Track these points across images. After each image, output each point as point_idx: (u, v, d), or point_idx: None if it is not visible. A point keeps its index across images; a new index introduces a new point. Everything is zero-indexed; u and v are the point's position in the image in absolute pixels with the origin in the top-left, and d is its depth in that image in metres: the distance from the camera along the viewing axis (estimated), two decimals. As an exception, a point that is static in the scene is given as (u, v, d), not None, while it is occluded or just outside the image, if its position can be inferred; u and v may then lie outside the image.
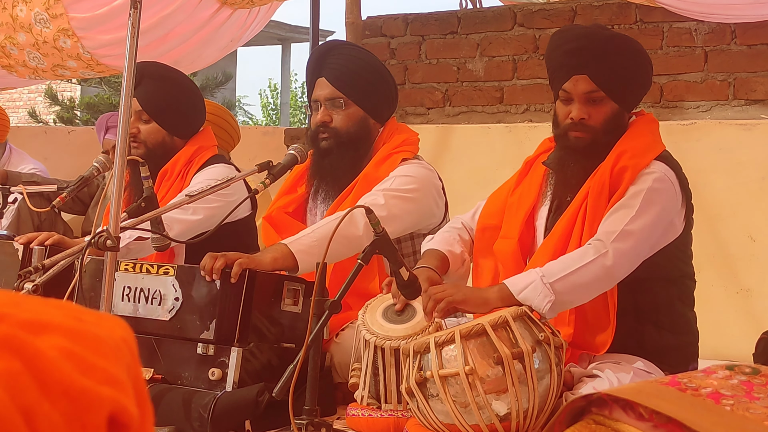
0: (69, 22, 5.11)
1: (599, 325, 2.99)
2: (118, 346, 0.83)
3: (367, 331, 2.96)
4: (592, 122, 3.05)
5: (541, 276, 2.83)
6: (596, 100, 3.05)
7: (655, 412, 1.34)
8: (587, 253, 2.87)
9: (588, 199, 3.00)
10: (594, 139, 3.05)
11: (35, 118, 14.36)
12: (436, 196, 3.62)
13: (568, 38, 3.14)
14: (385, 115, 3.68)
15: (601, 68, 3.04)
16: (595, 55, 3.05)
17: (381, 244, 2.90)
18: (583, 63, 3.05)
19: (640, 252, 2.94)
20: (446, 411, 2.64)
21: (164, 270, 3.15)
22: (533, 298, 2.80)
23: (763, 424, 1.35)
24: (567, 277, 2.83)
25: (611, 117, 3.06)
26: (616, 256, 2.87)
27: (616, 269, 2.88)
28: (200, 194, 3.12)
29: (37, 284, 2.88)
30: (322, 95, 3.60)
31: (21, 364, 0.75)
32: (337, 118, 3.58)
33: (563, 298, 2.83)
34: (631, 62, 3.10)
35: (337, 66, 3.60)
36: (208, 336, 3.05)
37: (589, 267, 2.85)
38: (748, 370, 1.48)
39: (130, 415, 0.80)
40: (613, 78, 3.05)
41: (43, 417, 0.74)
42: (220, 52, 5.81)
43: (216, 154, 3.96)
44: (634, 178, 2.97)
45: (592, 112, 3.05)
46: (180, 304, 3.10)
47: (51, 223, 5.21)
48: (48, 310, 0.82)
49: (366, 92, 3.60)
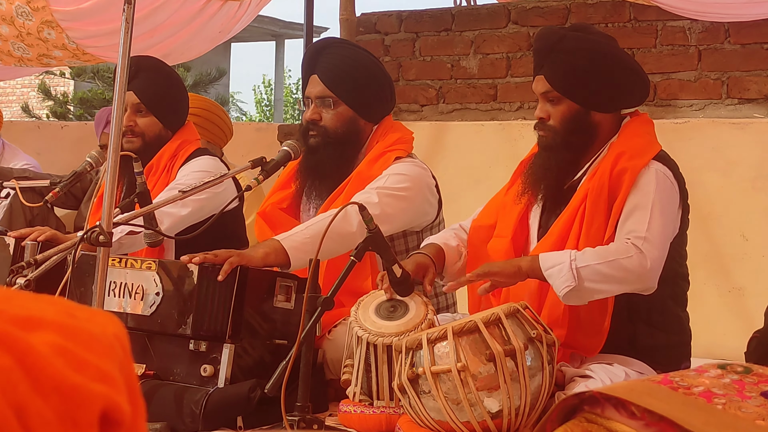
0: (52, 14, 5.09)
1: (592, 327, 2.99)
2: (111, 343, 0.83)
3: (360, 328, 2.96)
4: (552, 122, 3.10)
5: (573, 259, 2.84)
6: (553, 99, 3.10)
7: (647, 410, 1.35)
8: (629, 249, 2.87)
9: (586, 200, 3.00)
10: (554, 138, 3.09)
11: (28, 112, 14.33)
12: (429, 195, 3.62)
13: (534, 39, 3.25)
14: (378, 115, 3.67)
15: (553, 68, 3.08)
16: (546, 55, 3.10)
17: (374, 242, 2.90)
18: (539, 63, 3.13)
19: (664, 255, 2.95)
20: (438, 408, 2.65)
21: (147, 265, 3.15)
22: (555, 278, 2.83)
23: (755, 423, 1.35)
24: (598, 266, 2.83)
25: (570, 116, 3.07)
26: (652, 260, 2.87)
27: (652, 272, 2.88)
28: (194, 190, 3.12)
29: (30, 279, 2.88)
30: (313, 92, 3.60)
31: (13, 361, 0.74)
32: (326, 116, 3.58)
33: (586, 286, 2.82)
34: (586, 61, 3.07)
35: (329, 65, 3.60)
36: (185, 331, 3.04)
37: (627, 261, 2.85)
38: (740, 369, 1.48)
39: (122, 412, 0.80)
40: (563, 77, 3.07)
41: (35, 413, 0.74)
42: (209, 44, 5.81)
43: (200, 147, 3.98)
44: (634, 179, 2.97)
45: (552, 111, 3.10)
46: (160, 299, 3.10)
47: (43, 218, 5.20)
48: (40, 306, 0.82)
49: (356, 93, 3.60)
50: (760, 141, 4.73)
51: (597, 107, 3.10)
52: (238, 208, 3.98)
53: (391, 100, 3.74)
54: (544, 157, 3.13)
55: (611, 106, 3.12)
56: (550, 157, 3.11)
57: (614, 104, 3.13)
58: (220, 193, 3.71)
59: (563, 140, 3.08)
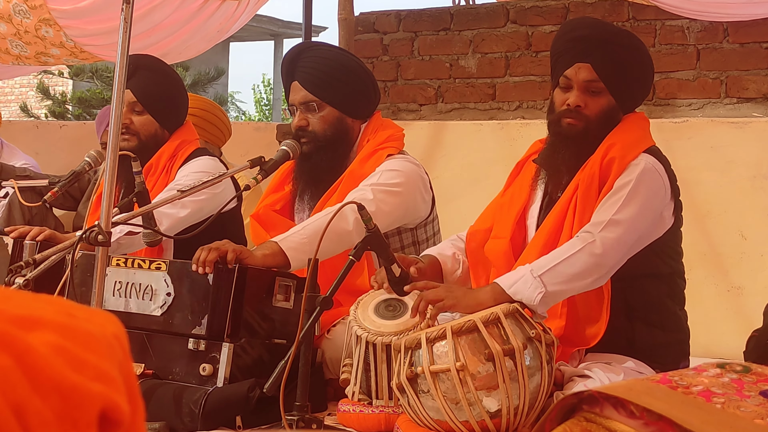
0: (49, 12, 5.09)
1: (591, 317, 2.99)
2: (110, 343, 0.83)
3: (359, 327, 2.96)
4: (588, 111, 3.05)
5: (531, 270, 2.84)
6: (595, 90, 3.05)
7: (646, 409, 1.35)
8: (575, 244, 2.88)
9: (578, 192, 3.01)
10: (586, 128, 3.05)
11: (27, 112, 14.32)
12: (423, 190, 3.62)
13: (577, 26, 3.16)
14: (365, 112, 3.67)
15: (604, 59, 3.04)
16: (600, 45, 3.06)
17: (373, 241, 2.90)
18: (588, 51, 3.05)
19: (629, 240, 2.93)
20: (437, 407, 2.65)
21: (156, 265, 3.15)
22: (524, 291, 2.80)
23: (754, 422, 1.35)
24: (555, 268, 2.83)
25: (606, 110, 3.06)
26: (605, 244, 2.87)
27: (606, 257, 2.88)
28: (192, 189, 3.12)
29: (28, 279, 2.88)
30: (296, 99, 3.60)
31: (12, 360, 0.74)
32: (313, 121, 3.58)
33: (554, 289, 2.82)
34: (636, 60, 3.09)
35: (307, 69, 3.60)
36: (200, 331, 3.05)
37: (578, 256, 2.85)
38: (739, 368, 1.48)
39: (121, 412, 0.80)
40: (614, 71, 3.05)
41: (34, 413, 0.74)
42: (207, 43, 5.81)
43: (199, 147, 3.97)
44: (622, 169, 2.98)
45: (589, 101, 3.06)
46: (172, 300, 3.10)
47: (42, 217, 5.19)
48: (39, 305, 0.82)
49: (339, 92, 3.59)
50: (758, 140, 4.73)
51: (624, 105, 3.10)
52: (237, 208, 3.98)
53: (375, 95, 3.73)
54: (571, 146, 3.07)
55: (632, 105, 3.15)
56: (576, 144, 3.06)
57: (636, 104, 3.16)
58: (219, 193, 3.71)
59: (594, 132, 3.05)
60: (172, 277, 3.11)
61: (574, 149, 3.06)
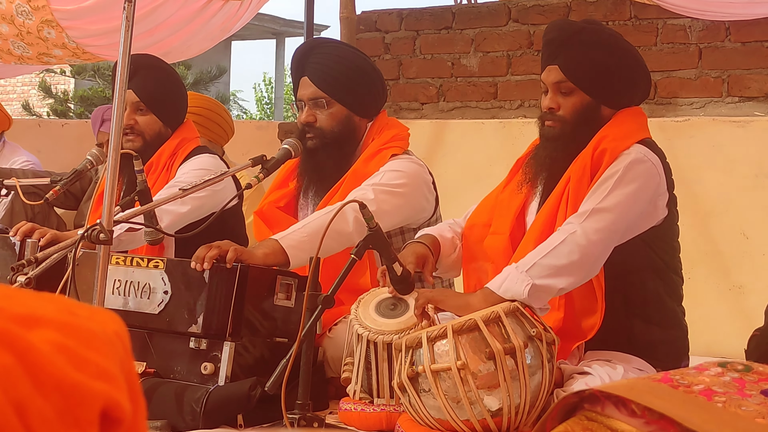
0: (52, 13, 5.09)
1: (588, 308, 2.98)
2: (111, 341, 0.83)
3: (360, 326, 2.96)
4: (562, 112, 3.08)
5: (516, 267, 2.84)
6: (565, 91, 3.08)
7: (648, 408, 1.35)
8: (557, 237, 2.89)
9: (570, 184, 3.02)
10: (563, 129, 3.08)
11: (29, 110, 14.33)
12: (426, 191, 3.62)
13: (548, 29, 3.22)
14: (372, 111, 3.68)
15: (570, 58, 3.07)
16: (564, 46, 3.09)
17: (374, 240, 2.90)
18: (556, 53, 3.09)
19: (615, 229, 2.93)
20: (438, 406, 2.65)
21: (154, 263, 3.15)
22: (512, 287, 2.80)
23: (755, 422, 1.35)
24: (540, 262, 2.83)
25: (581, 109, 3.07)
26: (589, 233, 2.86)
27: (591, 247, 2.87)
28: (194, 188, 3.12)
29: (30, 277, 2.88)
30: (305, 95, 3.60)
31: (13, 358, 0.75)
32: (321, 117, 3.58)
33: (541, 282, 2.80)
34: (605, 55, 3.09)
35: (318, 65, 3.60)
36: (196, 330, 3.04)
37: (560, 248, 2.85)
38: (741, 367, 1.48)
39: (122, 410, 0.80)
40: (582, 69, 3.06)
41: (35, 411, 0.74)
42: (209, 42, 5.80)
43: (199, 145, 3.98)
44: (613, 159, 2.98)
45: (563, 102, 3.09)
46: (169, 298, 3.10)
47: (44, 216, 5.20)
48: (41, 303, 0.82)
49: (348, 90, 3.60)
50: (760, 139, 4.73)
51: (607, 101, 3.11)
52: (238, 206, 3.99)
53: (384, 94, 3.74)
54: (550, 148, 3.11)
55: (620, 101, 3.13)
56: (556, 147, 3.10)
57: (624, 100, 3.14)
58: (219, 191, 3.72)
59: (572, 131, 3.07)
60: (170, 275, 3.11)
61: (556, 151, 3.10)
